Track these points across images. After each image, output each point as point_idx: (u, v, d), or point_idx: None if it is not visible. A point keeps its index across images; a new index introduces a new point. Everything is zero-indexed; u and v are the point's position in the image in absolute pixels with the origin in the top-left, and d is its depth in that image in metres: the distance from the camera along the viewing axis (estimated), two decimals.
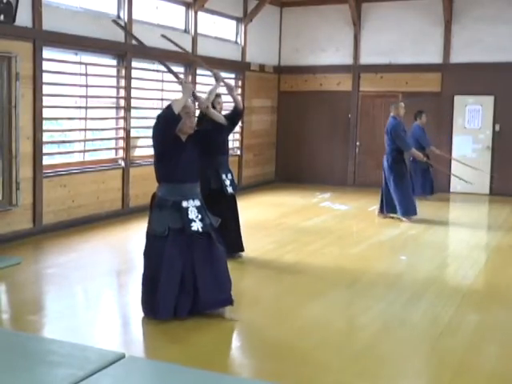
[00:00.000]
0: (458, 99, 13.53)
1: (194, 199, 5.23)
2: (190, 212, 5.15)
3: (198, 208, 5.21)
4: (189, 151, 5.24)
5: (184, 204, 5.15)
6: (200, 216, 5.19)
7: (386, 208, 10.20)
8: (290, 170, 14.78)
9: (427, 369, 4.52)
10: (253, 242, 8.00)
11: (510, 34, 12.92)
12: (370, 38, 14.12)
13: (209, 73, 7.16)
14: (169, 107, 5.10)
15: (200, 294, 5.12)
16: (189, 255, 5.13)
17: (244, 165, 13.68)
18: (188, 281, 5.12)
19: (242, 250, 7.37)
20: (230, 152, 13.18)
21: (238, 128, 13.53)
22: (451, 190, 13.61)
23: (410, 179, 10.46)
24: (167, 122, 5.10)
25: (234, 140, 13.45)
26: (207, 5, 11.91)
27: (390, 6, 13.89)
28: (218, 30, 12.81)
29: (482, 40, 13.13)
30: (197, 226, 5.13)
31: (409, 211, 10.07)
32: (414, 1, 13.59)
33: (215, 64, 12.31)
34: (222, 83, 6.72)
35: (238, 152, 13.55)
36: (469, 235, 9.26)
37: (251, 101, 13.78)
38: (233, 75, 13.42)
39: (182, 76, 10.91)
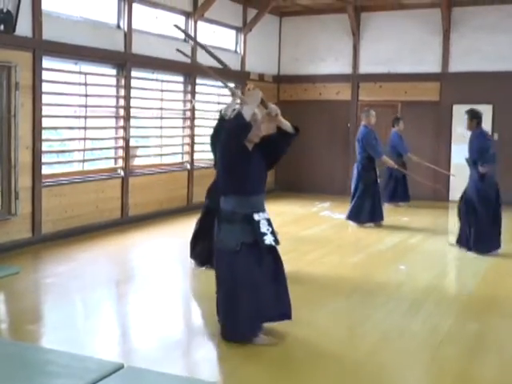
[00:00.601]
0: (456, 108, 13.54)
1: (263, 211, 5.06)
2: (261, 225, 4.96)
3: (268, 220, 5.04)
4: (256, 161, 5.01)
5: (256, 217, 4.95)
6: (270, 229, 5.01)
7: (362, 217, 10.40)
8: (290, 179, 14.78)
9: (427, 377, 4.52)
10: None
11: (508, 43, 12.96)
12: (369, 48, 14.16)
13: (208, 82, 7.18)
14: (239, 116, 4.84)
15: (264, 307, 4.97)
16: (259, 269, 4.95)
17: None
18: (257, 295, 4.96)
19: None
20: None
21: None
22: (450, 198, 13.61)
23: (378, 187, 10.52)
24: (239, 131, 4.84)
25: None
26: (207, 14, 11.95)
27: (388, 16, 13.94)
28: (218, 40, 12.85)
29: (481, 49, 13.17)
30: (269, 239, 4.96)
31: (375, 217, 10.34)
32: (413, 10, 13.64)
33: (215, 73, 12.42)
34: (238, 100, 6.58)
35: None
36: None
37: None
38: (232, 84, 13.44)
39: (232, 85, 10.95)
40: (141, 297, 6.30)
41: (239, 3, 13.27)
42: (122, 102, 10.13)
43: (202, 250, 7.12)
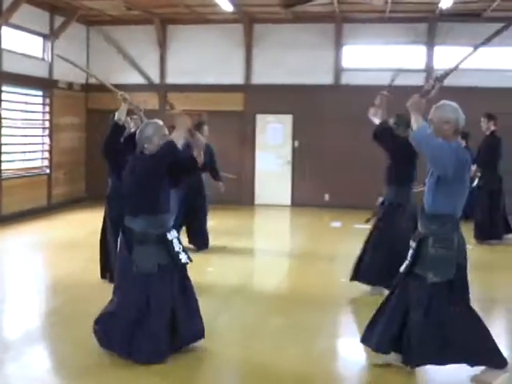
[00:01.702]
0: (260, 118, 14.42)
1: (172, 230, 5.00)
2: (174, 244, 4.90)
3: (178, 239, 4.99)
4: (166, 180, 4.97)
5: (169, 236, 4.89)
6: (181, 247, 4.98)
7: None
8: (102, 187, 14.77)
9: (234, 371, 4.91)
10: (64, 261, 8.12)
11: (303, 58, 14.02)
12: (176, 59, 14.59)
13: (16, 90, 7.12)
14: (173, 147, 4.81)
15: (180, 329, 4.90)
16: (171, 290, 4.87)
17: (54, 183, 13.54)
18: (170, 317, 4.87)
19: None
20: (39, 171, 13.14)
21: (46, 146, 13.41)
22: (256, 202, 14.43)
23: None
24: (168, 156, 4.83)
25: (42, 158, 13.31)
26: (13, 20, 11.66)
27: (194, 29, 14.46)
28: (25, 46, 12.60)
29: (280, 63, 14.10)
30: (184, 257, 4.92)
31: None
32: (217, 25, 14.28)
33: (21, 81, 12.21)
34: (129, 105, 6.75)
35: (47, 171, 13.40)
36: (273, 244, 9.93)
37: (59, 119, 13.71)
38: (40, 93, 13.29)
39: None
40: None
41: (46, 10, 13.08)
42: None
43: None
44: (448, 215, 4.50)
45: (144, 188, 4.84)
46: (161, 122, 5.03)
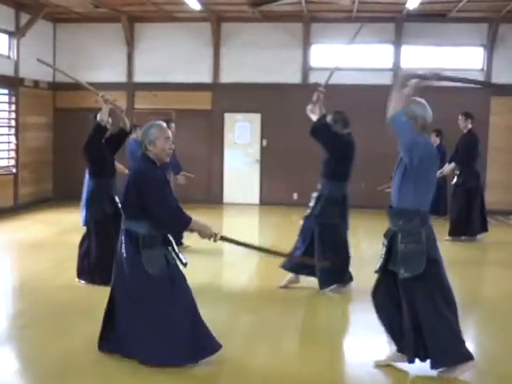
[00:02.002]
0: (228, 116, 14.43)
1: None
2: (174, 245, 4.92)
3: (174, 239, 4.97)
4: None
5: (170, 237, 4.90)
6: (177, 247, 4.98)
7: None
8: (69, 187, 14.67)
9: (205, 368, 4.85)
10: (32, 262, 8.04)
11: (271, 57, 14.08)
12: (144, 57, 14.54)
13: None
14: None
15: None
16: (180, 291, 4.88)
17: (20, 183, 13.40)
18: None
19: None
20: (5, 171, 12.98)
21: (12, 145, 13.26)
22: (224, 201, 14.44)
23: None
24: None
25: (9, 158, 13.16)
26: None
27: (161, 27, 14.43)
28: None
29: (247, 62, 14.16)
30: (183, 257, 4.94)
31: None
32: (185, 23, 14.26)
33: None
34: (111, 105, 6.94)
35: (14, 170, 13.25)
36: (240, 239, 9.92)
37: (26, 117, 13.56)
38: (6, 91, 13.13)
39: None
40: None
41: (11, 7, 12.95)
42: None
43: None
44: (414, 210, 4.57)
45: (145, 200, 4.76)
46: (164, 124, 4.93)
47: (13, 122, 13.28)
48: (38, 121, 14.20)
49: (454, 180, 10.45)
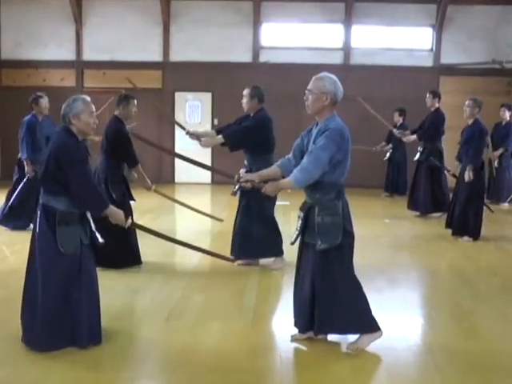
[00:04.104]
0: (178, 95, 14.33)
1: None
2: (91, 223, 4.75)
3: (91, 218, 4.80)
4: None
5: (88, 215, 4.71)
6: (94, 226, 4.78)
7: None
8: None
9: (157, 350, 4.84)
10: None
11: (221, 36, 14.02)
12: (93, 35, 14.32)
13: None
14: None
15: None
16: (92, 271, 4.79)
17: None
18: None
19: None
20: None
21: None
22: (176, 180, 14.38)
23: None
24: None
25: None
26: None
27: (110, 5, 14.22)
28: None
29: (198, 41, 14.08)
30: (99, 237, 4.77)
31: None
32: (134, 1, 14.06)
33: None
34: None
35: None
36: (194, 222, 9.90)
37: None
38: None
39: None
40: None
41: None
42: None
43: None
44: (331, 183, 4.64)
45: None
46: (88, 98, 4.75)
47: None
48: None
49: (417, 156, 10.67)
